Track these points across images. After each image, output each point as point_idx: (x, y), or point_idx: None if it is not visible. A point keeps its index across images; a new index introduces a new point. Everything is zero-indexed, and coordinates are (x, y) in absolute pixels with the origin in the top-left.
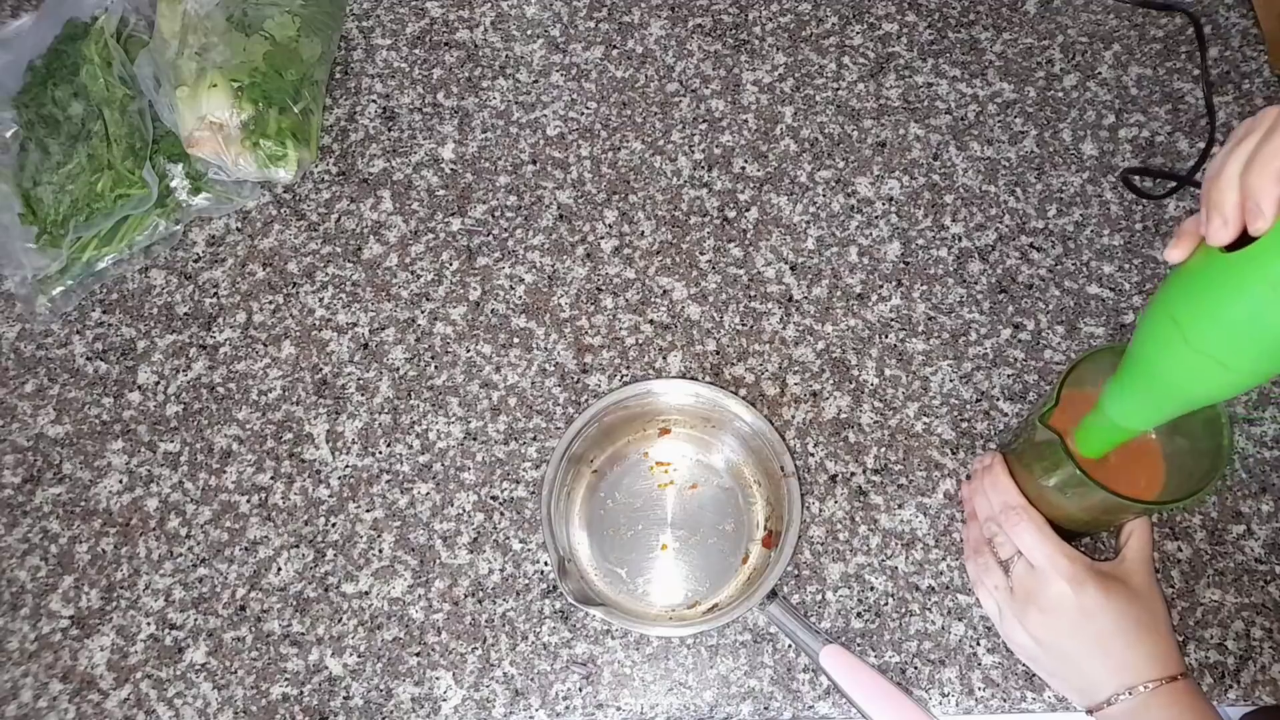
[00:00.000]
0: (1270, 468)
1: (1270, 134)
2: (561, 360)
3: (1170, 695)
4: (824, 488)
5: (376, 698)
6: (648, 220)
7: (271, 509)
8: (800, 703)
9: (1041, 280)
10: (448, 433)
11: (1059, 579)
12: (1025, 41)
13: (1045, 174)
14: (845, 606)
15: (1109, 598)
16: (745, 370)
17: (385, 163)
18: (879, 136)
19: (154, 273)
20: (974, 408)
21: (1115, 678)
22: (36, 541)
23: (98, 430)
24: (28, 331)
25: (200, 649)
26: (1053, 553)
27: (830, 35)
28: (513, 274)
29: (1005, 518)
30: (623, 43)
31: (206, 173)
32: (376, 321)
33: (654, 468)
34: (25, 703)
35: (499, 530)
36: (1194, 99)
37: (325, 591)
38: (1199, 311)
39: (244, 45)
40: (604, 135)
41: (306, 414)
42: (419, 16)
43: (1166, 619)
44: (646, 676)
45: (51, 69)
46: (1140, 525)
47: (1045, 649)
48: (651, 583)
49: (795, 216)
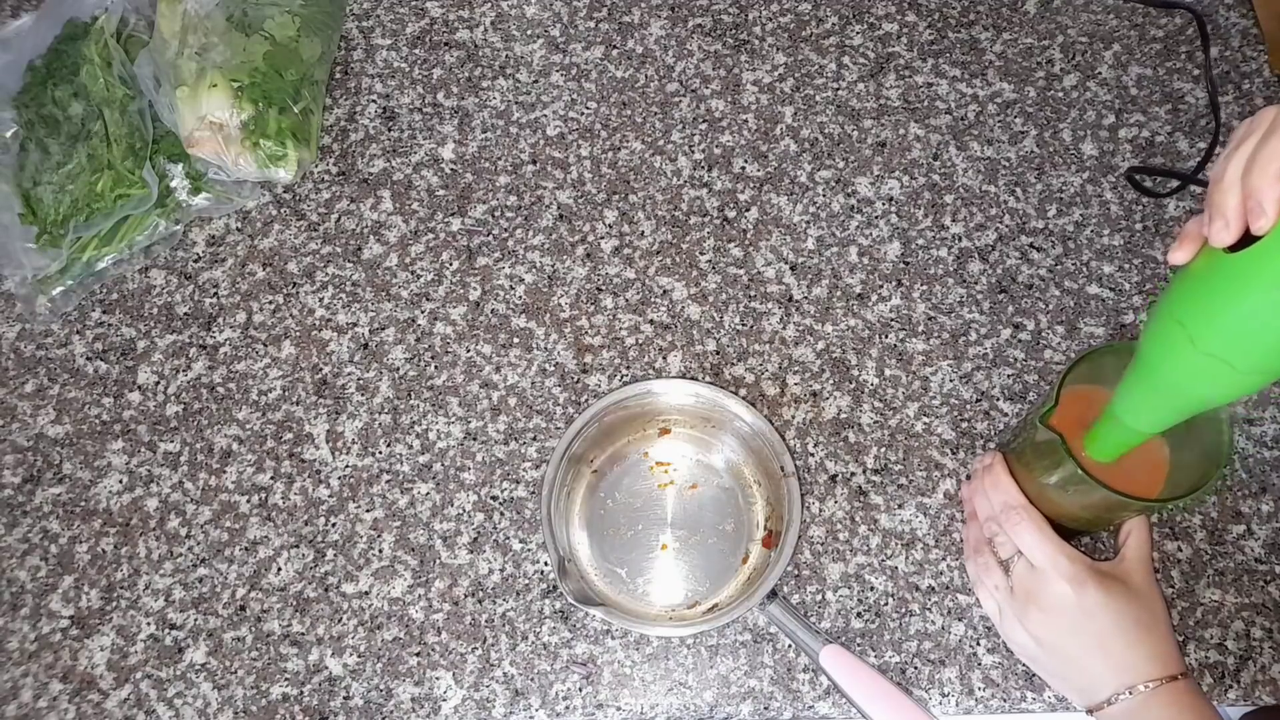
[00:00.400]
0: (1270, 468)
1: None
2: (561, 360)
3: (1170, 695)
4: (824, 488)
5: (376, 698)
6: (648, 220)
7: (271, 509)
8: (800, 703)
9: (1041, 280)
10: (448, 433)
11: (1059, 578)
12: (1025, 41)
13: (1045, 174)
14: (845, 606)
15: (1109, 597)
16: (745, 370)
17: (385, 163)
18: (879, 136)
19: (154, 273)
20: (974, 408)
21: (1115, 677)
22: (36, 541)
23: (98, 430)
24: (28, 331)
25: (200, 649)
26: (1053, 552)
27: (830, 35)
28: (513, 274)
29: (1006, 517)
30: (623, 43)
31: (206, 173)
32: (376, 321)
33: (654, 468)
34: (25, 703)
35: (499, 530)
36: (1195, 99)
37: (325, 591)
38: (1204, 313)
39: (244, 45)
40: (604, 135)
41: (306, 414)
42: (419, 16)
43: (1166, 618)
44: (646, 676)
45: (51, 69)
46: (1139, 524)
47: (1045, 649)
48: (651, 583)
49: (795, 216)
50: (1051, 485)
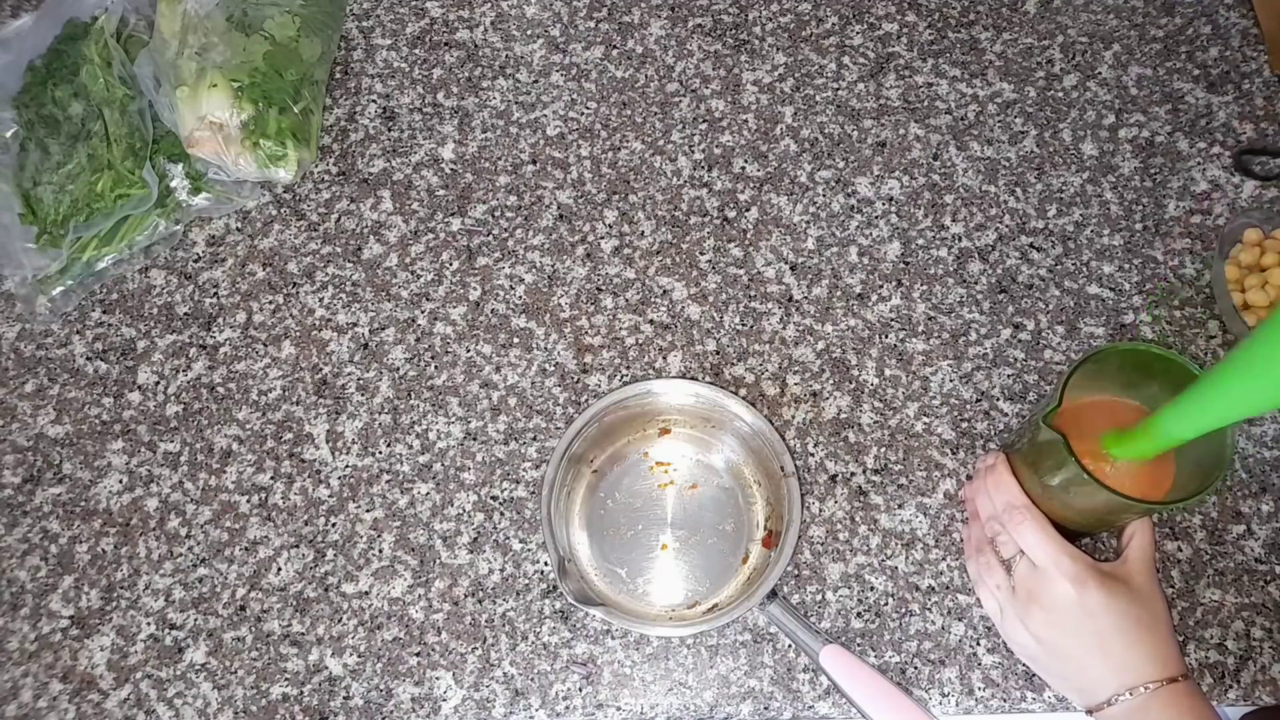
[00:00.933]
0: (1270, 468)
1: None
2: (561, 360)
3: (1171, 696)
4: (824, 488)
5: (376, 698)
6: (648, 220)
7: (271, 509)
8: (800, 703)
9: (1041, 280)
10: (448, 433)
11: (1062, 578)
12: (1025, 41)
13: (1045, 174)
14: (845, 606)
15: (1111, 597)
16: (745, 370)
17: (385, 163)
18: (879, 136)
19: (154, 273)
20: (974, 408)
21: (1116, 678)
22: (36, 541)
23: (98, 430)
24: (28, 331)
25: (200, 649)
26: (1056, 552)
27: (830, 35)
28: (513, 274)
29: (1008, 517)
30: (623, 43)
31: (206, 173)
32: (376, 321)
33: (654, 468)
34: (25, 703)
35: (499, 530)
36: (1195, 99)
37: (325, 591)
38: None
39: (244, 45)
40: (604, 135)
41: (306, 414)
42: (419, 16)
43: (1168, 620)
44: (646, 676)
45: (51, 69)
46: (1142, 526)
47: (1046, 648)
48: (651, 583)
49: (795, 216)
50: (1054, 486)
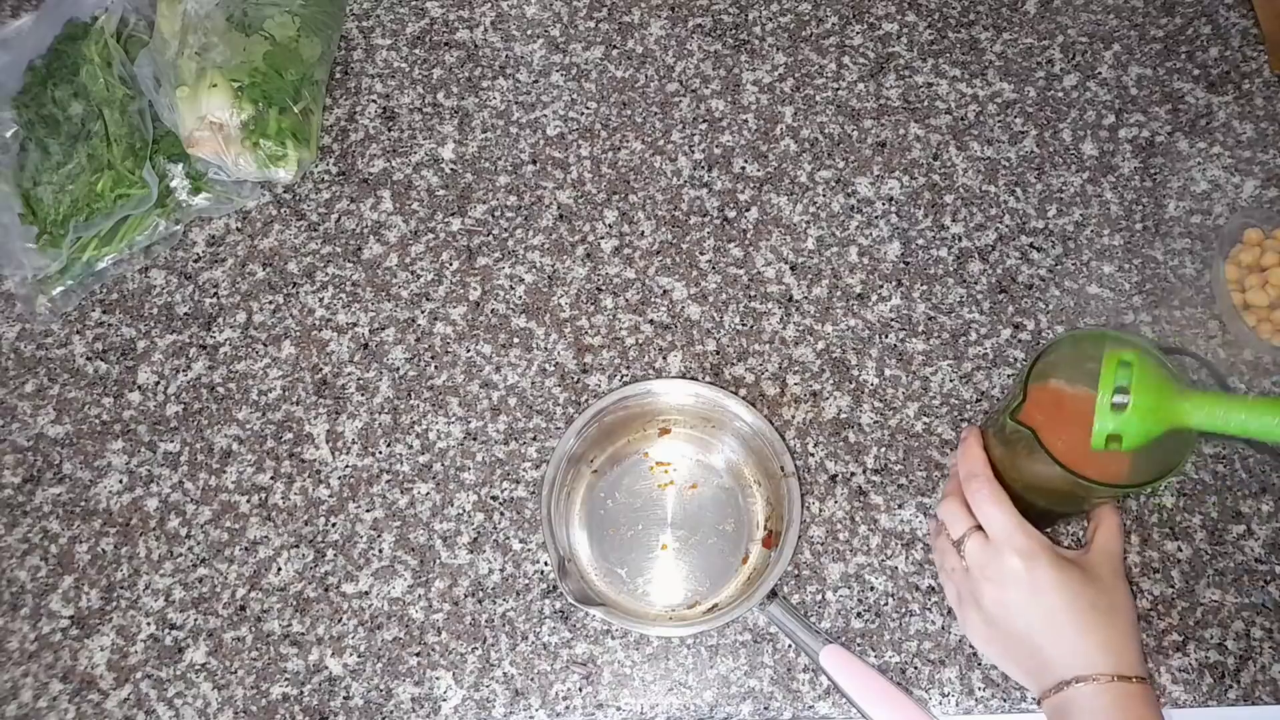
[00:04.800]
0: (1270, 468)
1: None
2: (561, 360)
3: (1123, 697)
4: (824, 488)
5: (376, 698)
6: (648, 220)
7: (271, 509)
8: (800, 703)
9: (1041, 280)
10: (448, 433)
11: (1012, 552)
12: (1025, 41)
13: (1045, 174)
14: (845, 606)
15: (1063, 576)
16: (745, 370)
17: (385, 163)
18: (879, 136)
19: (154, 273)
20: (974, 408)
21: (1064, 662)
22: (36, 541)
23: (98, 430)
24: (28, 331)
25: (200, 649)
26: (1012, 526)
27: (830, 35)
28: (513, 274)
29: (968, 486)
30: (623, 43)
31: (206, 173)
32: (376, 321)
33: (654, 468)
34: (25, 703)
35: (499, 530)
36: (1195, 99)
37: (325, 591)
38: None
39: (244, 45)
40: (604, 135)
41: (306, 414)
42: (419, 16)
43: (1130, 617)
44: (646, 676)
45: (51, 69)
46: (1108, 517)
47: (999, 629)
48: (651, 583)
49: (795, 216)
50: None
